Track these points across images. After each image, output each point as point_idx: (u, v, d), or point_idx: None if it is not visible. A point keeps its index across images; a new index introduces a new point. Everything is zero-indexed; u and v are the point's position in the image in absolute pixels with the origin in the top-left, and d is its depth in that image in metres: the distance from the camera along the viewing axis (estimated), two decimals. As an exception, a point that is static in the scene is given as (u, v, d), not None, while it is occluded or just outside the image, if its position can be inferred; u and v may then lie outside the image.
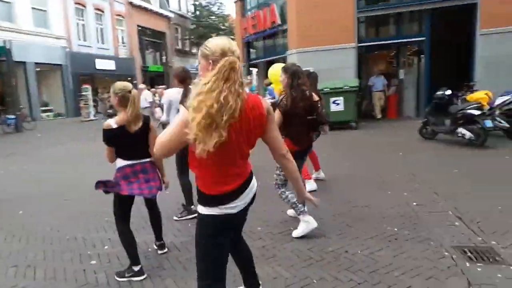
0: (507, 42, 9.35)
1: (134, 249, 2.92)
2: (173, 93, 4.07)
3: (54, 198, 5.15)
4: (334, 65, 10.75)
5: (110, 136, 2.77)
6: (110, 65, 24.32)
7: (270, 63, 14.78)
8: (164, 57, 31.03)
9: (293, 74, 3.42)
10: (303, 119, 3.45)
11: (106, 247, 3.50)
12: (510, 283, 2.49)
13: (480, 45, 9.77)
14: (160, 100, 12.04)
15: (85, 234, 3.83)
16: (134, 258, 2.90)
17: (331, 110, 10.17)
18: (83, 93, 18.91)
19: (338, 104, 10.14)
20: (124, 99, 2.84)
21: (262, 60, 14.56)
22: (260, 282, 2.41)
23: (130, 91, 2.87)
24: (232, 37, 35.95)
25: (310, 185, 4.63)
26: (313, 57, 11.01)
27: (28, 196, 5.27)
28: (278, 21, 12.27)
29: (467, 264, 2.73)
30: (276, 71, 10.86)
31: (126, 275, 2.88)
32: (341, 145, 7.75)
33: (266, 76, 11.32)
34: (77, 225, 4.10)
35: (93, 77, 23.49)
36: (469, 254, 2.89)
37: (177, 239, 3.56)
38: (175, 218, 4.09)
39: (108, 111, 15.87)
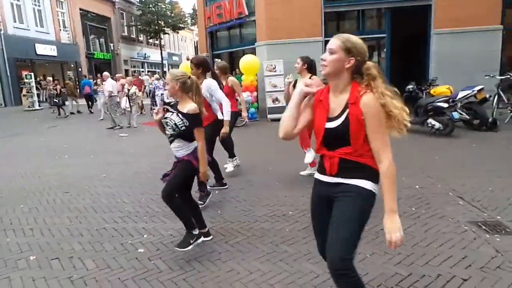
0: (456, 42, 10.41)
1: (199, 213, 3.09)
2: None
3: (45, 193, 4.88)
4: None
5: (201, 119, 2.95)
6: (51, 50, 22.54)
7: (236, 54, 14.92)
8: (111, 44, 29.37)
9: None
10: None
11: (145, 235, 3.48)
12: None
13: (434, 43, 10.78)
14: (128, 90, 11.55)
15: (113, 225, 3.76)
16: (201, 222, 3.07)
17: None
18: (26, 81, 17.35)
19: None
20: (186, 85, 2.90)
21: (227, 51, 14.53)
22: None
23: (190, 77, 2.94)
24: (182, 25, 35.09)
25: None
26: (282, 49, 11.28)
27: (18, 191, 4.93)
28: (246, 12, 12.33)
29: (487, 236, 3.19)
30: (249, 62, 11.08)
31: (191, 241, 2.92)
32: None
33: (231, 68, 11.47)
34: (94, 217, 4.00)
35: (32, 63, 21.61)
36: (483, 227, 3.36)
37: (213, 225, 3.63)
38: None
39: (55, 100, 14.77)
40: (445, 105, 7.26)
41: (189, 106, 2.92)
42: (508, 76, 8.36)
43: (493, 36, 10.47)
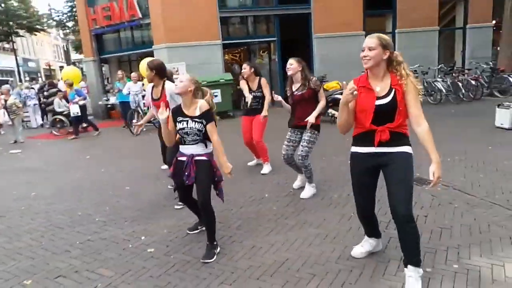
0: (333, 44, 12.29)
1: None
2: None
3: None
4: (203, 61, 11.53)
5: (213, 114, 3.07)
6: None
7: (128, 58, 14.24)
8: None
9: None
10: None
11: (142, 237, 3.50)
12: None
13: (315, 45, 12.49)
14: (5, 101, 9.97)
15: (97, 235, 3.60)
16: (214, 234, 3.14)
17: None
18: None
19: (216, 96, 11.03)
20: (197, 91, 3.06)
21: (118, 54, 13.80)
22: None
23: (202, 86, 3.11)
24: (40, 26, 30.92)
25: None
26: (182, 52, 11.45)
27: None
28: (139, 15, 11.99)
29: (419, 187, 4.24)
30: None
31: (215, 251, 3.08)
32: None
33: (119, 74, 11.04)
34: (67, 233, 3.73)
35: None
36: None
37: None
38: None
39: None
40: (339, 96, 8.69)
41: (199, 105, 3.03)
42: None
43: (357, 40, 12.71)
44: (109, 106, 13.38)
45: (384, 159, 2.42)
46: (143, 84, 10.06)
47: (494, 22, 13.82)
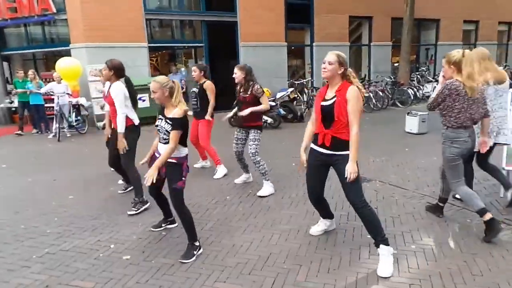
0: (257, 53, 12.84)
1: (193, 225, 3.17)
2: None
3: None
4: (127, 63, 10.85)
5: (186, 122, 2.99)
6: None
7: (35, 56, 12.77)
8: None
9: None
10: None
11: (112, 246, 3.35)
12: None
13: (242, 53, 12.90)
14: None
15: (56, 248, 3.32)
16: (195, 234, 3.15)
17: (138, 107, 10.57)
18: None
19: (144, 100, 10.65)
20: (172, 90, 3.07)
21: (23, 51, 12.34)
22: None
23: (173, 81, 3.11)
24: None
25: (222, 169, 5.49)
26: (104, 53, 10.69)
27: None
28: (53, 9, 10.93)
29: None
30: (69, 66, 10.02)
31: (195, 252, 3.10)
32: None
33: (18, 71, 9.99)
34: (16, 248, 3.39)
35: None
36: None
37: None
38: None
39: None
40: (273, 103, 9.17)
41: (175, 111, 3.05)
42: (303, 82, 11.23)
43: (281, 50, 13.52)
44: (13, 109, 11.86)
45: (331, 160, 2.89)
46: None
47: (392, 41, 15.96)
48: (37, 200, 4.64)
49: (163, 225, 3.66)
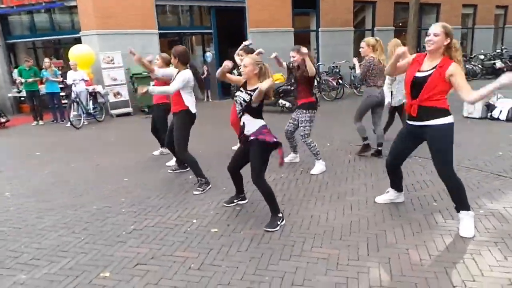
0: (266, 39, 12.89)
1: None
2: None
3: None
4: (139, 50, 10.90)
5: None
6: None
7: (43, 44, 12.53)
8: None
9: None
10: None
11: (194, 220, 3.46)
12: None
13: (250, 39, 12.92)
14: None
15: (144, 220, 3.48)
16: (277, 206, 3.34)
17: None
18: None
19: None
20: (261, 71, 3.24)
21: (32, 39, 12.11)
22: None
23: (263, 64, 3.27)
24: None
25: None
26: (116, 40, 10.73)
27: None
28: (62, -4, 10.77)
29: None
30: (82, 53, 9.92)
31: (278, 222, 3.29)
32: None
33: (27, 59, 9.85)
34: (113, 217, 3.55)
35: None
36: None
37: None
38: None
39: None
40: (291, 88, 9.32)
41: (258, 84, 3.23)
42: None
43: (288, 35, 13.60)
44: (22, 98, 11.69)
45: (421, 131, 3.01)
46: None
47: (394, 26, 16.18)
48: (91, 184, 4.73)
49: (235, 201, 3.83)
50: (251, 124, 3.31)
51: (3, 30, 11.77)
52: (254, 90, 3.20)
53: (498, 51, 16.73)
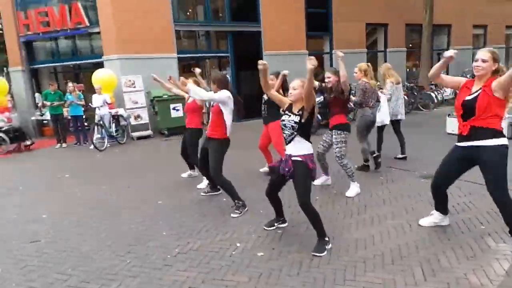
0: (281, 62, 13.09)
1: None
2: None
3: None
4: (158, 73, 11.13)
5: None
6: None
7: (65, 69, 12.89)
8: None
9: None
10: None
11: (238, 244, 3.46)
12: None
13: (266, 62, 13.14)
14: None
15: (187, 244, 3.46)
16: (323, 230, 3.31)
17: (171, 116, 10.77)
18: None
19: (178, 110, 10.85)
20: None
21: (56, 64, 12.49)
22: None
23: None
24: None
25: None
26: (137, 64, 10.99)
27: None
28: (86, 23, 11.13)
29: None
30: (104, 77, 10.17)
31: (326, 246, 3.26)
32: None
33: (52, 83, 10.11)
34: (157, 240, 3.56)
35: None
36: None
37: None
38: None
39: None
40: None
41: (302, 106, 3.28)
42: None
43: (302, 58, 13.75)
44: (45, 122, 11.93)
45: (473, 152, 2.99)
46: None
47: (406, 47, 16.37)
48: (126, 206, 4.75)
49: (275, 224, 3.81)
50: (300, 146, 3.30)
51: (28, 56, 12.17)
52: (301, 110, 3.24)
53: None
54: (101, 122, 9.14)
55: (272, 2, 12.89)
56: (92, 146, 9.04)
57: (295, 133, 3.27)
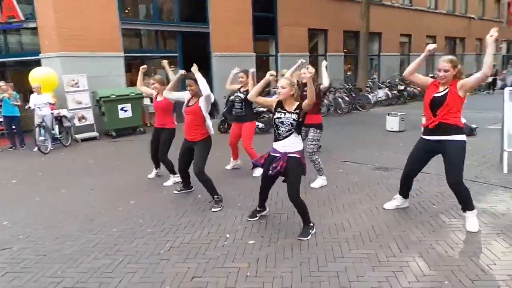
0: (229, 63, 13.28)
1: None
2: None
3: None
4: (103, 73, 10.82)
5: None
6: None
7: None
8: None
9: None
10: None
11: (227, 235, 3.61)
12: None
13: (214, 64, 13.29)
14: None
15: (176, 239, 3.54)
16: (309, 217, 3.61)
17: (119, 117, 10.42)
18: None
19: (126, 110, 10.53)
20: (296, 91, 3.58)
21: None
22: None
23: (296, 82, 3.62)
24: None
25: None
26: (80, 63, 10.46)
27: None
28: (21, 17, 10.27)
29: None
30: (45, 75, 9.50)
31: (310, 231, 3.56)
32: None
33: None
34: (138, 238, 3.59)
35: None
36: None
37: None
38: None
39: None
40: (264, 109, 9.76)
41: (297, 103, 3.53)
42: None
43: (250, 60, 14.17)
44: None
45: (439, 145, 3.48)
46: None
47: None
48: (99, 207, 4.62)
49: (257, 214, 4.03)
50: (296, 143, 3.55)
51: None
52: (298, 109, 3.50)
53: (430, 75, 18.90)
54: (43, 124, 8.53)
55: (221, 4, 13.07)
56: (36, 149, 8.42)
57: (293, 129, 3.51)
